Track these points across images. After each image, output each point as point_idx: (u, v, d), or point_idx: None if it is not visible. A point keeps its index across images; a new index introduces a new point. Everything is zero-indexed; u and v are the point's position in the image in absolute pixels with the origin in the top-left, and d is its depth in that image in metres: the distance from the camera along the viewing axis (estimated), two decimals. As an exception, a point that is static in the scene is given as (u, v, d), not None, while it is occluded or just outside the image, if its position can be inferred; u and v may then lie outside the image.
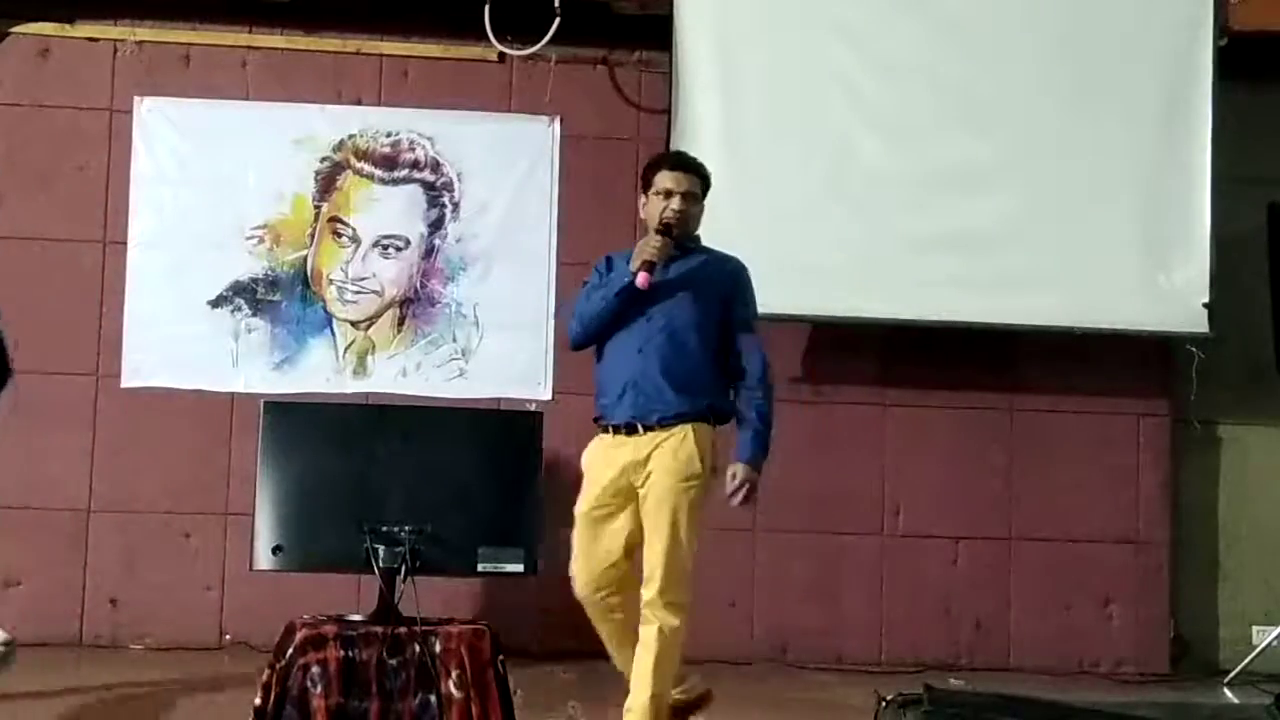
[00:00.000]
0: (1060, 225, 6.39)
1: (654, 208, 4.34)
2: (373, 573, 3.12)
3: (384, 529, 3.12)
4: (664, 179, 4.35)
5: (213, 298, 6.48)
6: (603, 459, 4.20)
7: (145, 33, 6.55)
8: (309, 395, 6.25)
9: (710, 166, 6.21)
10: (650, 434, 4.19)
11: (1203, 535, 6.78)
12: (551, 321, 6.45)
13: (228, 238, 6.49)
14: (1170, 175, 6.41)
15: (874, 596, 6.55)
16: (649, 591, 4.15)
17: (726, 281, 4.41)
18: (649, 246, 4.23)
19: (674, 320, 4.26)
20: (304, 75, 6.60)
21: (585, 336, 4.33)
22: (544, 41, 6.44)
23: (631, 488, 4.19)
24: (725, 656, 6.41)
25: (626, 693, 4.15)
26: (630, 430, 4.19)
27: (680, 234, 4.30)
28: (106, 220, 6.47)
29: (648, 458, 4.19)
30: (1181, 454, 6.73)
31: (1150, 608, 6.62)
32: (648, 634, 4.13)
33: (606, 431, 4.23)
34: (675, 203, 4.30)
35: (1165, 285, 6.39)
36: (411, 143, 6.60)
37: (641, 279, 4.18)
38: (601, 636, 4.23)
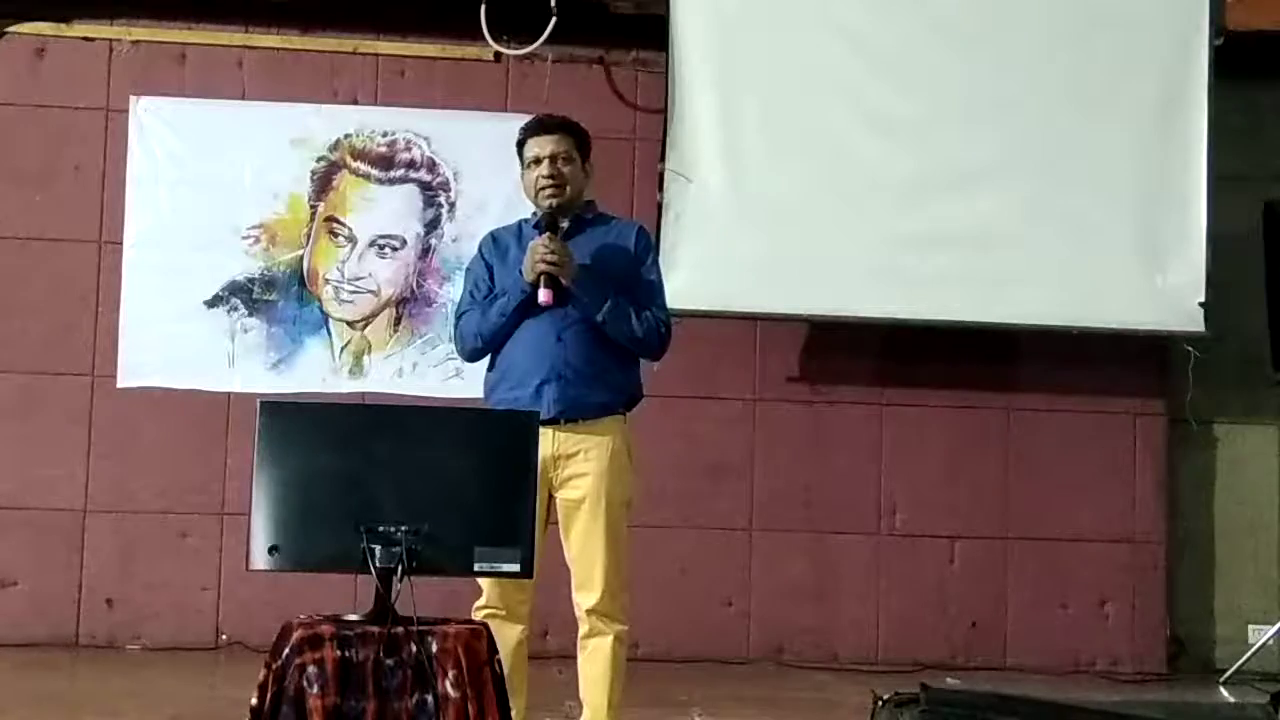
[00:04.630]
0: (1057, 225, 6.39)
1: (528, 180, 4.07)
2: (369, 572, 3.11)
3: (380, 529, 3.12)
4: (531, 147, 4.06)
5: (209, 297, 6.48)
6: None
7: (141, 32, 6.54)
8: (305, 395, 6.25)
9: (707, 165, 6.36)
10: (573, 427, 3.98)
11: (1199, 534, 6.78)
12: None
13: (224, 237, 6.48)
14: (1167, 175, 6.41)
15: (870, 596, 6.56)
16: (590, 599, 3.99)
17: (630, 254, 4.10)
18: (544, 254, 3.91)
19: (586, 301, 3.98)
20: (300, 75, 6.60)
21: (488, 350, 4.07)
22: (540, 41, 6.44)
23: (548, 481, 3.96)
24: (721, 656, 6.42)
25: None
26: (551, 423, 3.93)
27: (566, 202, 4.03)
28: (102, 220, 6.46)
29: (573, 455, 3.99)
30: (1178, 453, 6.74)
31: (1146, 607, 6.63)
32: (600, 644, 4.01)
33: None
34: (545, 168, 4.01)
35: (1161, 285, 6.40)
36: (408, 142, 6.60)
37: (545, 297, 3.92)
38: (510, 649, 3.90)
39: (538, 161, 4.05)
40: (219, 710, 4.89)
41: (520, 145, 4.13)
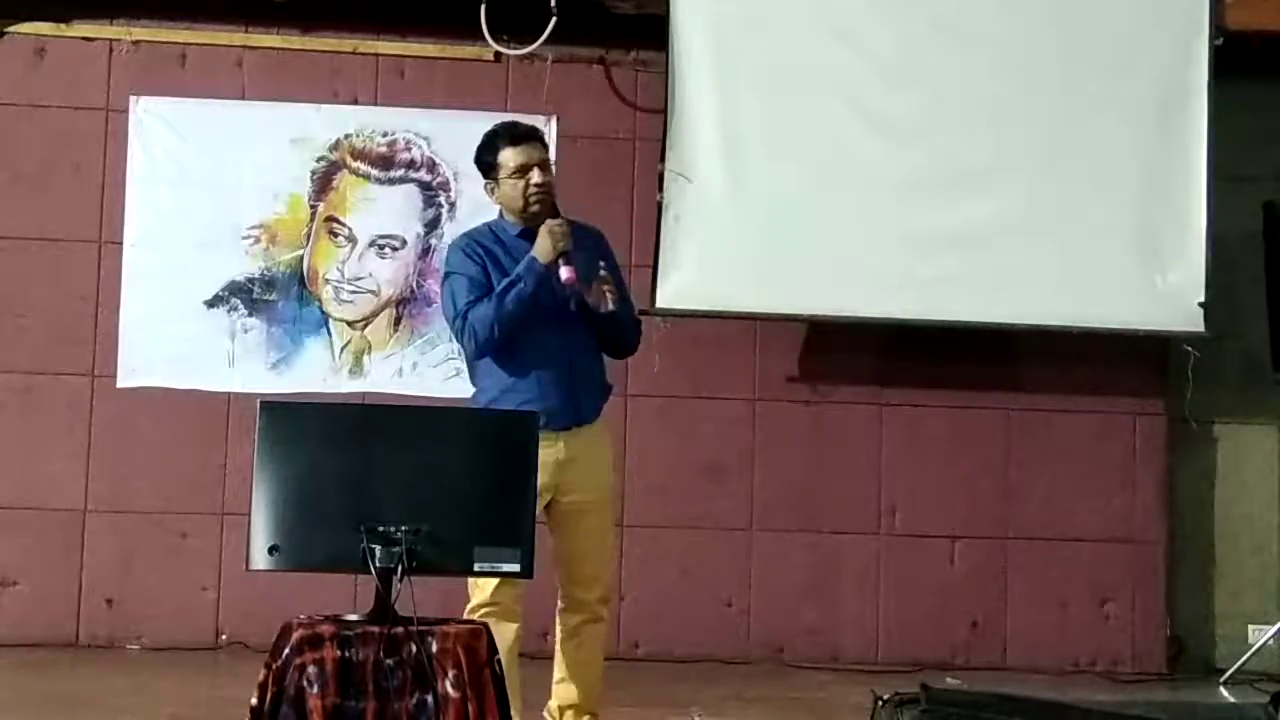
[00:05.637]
0: (1057, 225, 6.39)
1: (511, 189, 4.04)
2: (369, 572, 3.12)
3: (380, 529, 3.12)
4: (514, 156, 4.03)
5: (209, 297, 6.48)
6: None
7: (141, 32, 6.54)
8: (305, 395, 6.25)
9: (707, 165, 6.36)
10: (577, 431, 4.03)
11: (1199, 534, 6.78)
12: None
13: (224, 237, 6.48)
14: (1167, 175, 6.41)
15: (871, 596, 6.56)
16: (593, 593, 4.11)
17: (601, 251, 4.15)
18: (556, 235, 3.93)
19: (578, 304, 4.00)
20: (300, 75, 6.59)
21: (501, 342, 3.97)
22: (540, 41, 6.44)
23: (553, 486, 3.98)
24: (722, 656, 6.42)
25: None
26: (562, 430, 3.97)
27: (550, 210, 4.02)
28: (102, 220, 6.46)
29: (579, 457, 4.02)
30: (1178, 453, 6.74)
31: (1146, 607, 6.62)
32: (597, 630, 4.13)
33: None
34: (536, 175, 4.02)
35: (1161, 285, 6.39)
36: (408, 142, 6.60)
37: (568, 274, 3.91)
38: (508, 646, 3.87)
39: (523, 170, 4.04)
40: (219, 710, 4.89)
41: (488, 154, 4.10)
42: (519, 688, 4.00)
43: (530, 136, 4.12)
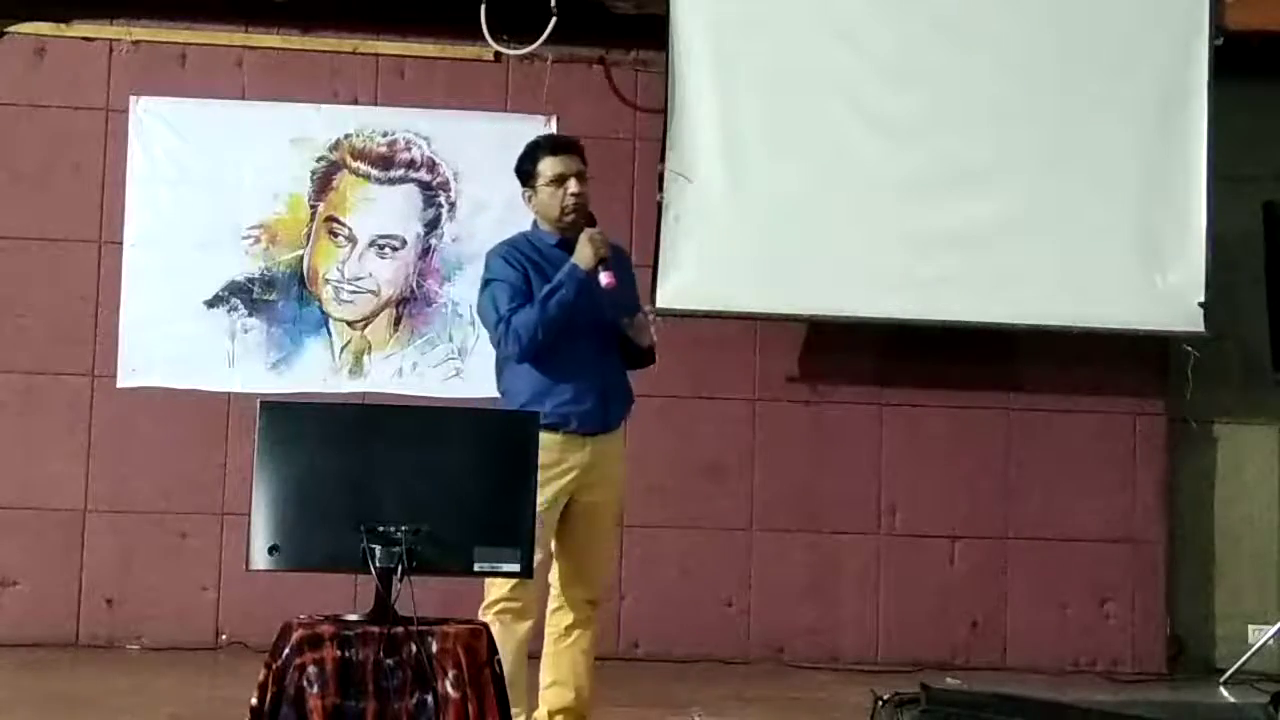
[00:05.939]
0: (1057, 225, 6.39)
1: (548, 198, 4.12)
2: (369, 572, 3.12)
3: (380, 529, 3.12)
4: (553, 165, 4.12)
5: (209, 297, 6.48)
6: (551, 462, 3.88)
7: (141, 32, 6.54)
8: (305, 395, 6.25)
9: (707, 165, 6.37)
10: (604, 437, 4.12)
11: (1199, 534, 6.78)
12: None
13: (224, 237, 6.49)
14: (1167, 175, 6.41)
15: (871, 596, 6.56)
16: (591, 594, 4.17)
17: (626, 266, 4.25)
18: (596, 243, 4.02)
19: (614, 314, 4.09)
20: (300, 75, 6.60)
21: (544, 345, 4.03)
22: (540, 41, 6.44)
23: (570, 488, 4.06)
24: (722, 656, 6.43)
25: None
26: (589, 435, 4.06)
27: (584, 219, 4.10)
28: (102, 220, 6.46)
29: (599, 462, 4.09)
30: (1178, 453, 6.74)
31: (1147, 606, 6.62)
32: (590, 632, 4.16)
33: (556, 431, 3.95)
34: (573, 185, 4.10)
35: (1161, 285, 6.39)
36: (408, 142, 6.60)
37: (608, 279, 3.98)
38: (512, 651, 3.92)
39: (560, 181, 4.11)
40: (219, 710, 4.89)
41: (528, 163, 4.17)
42: (524, 686, 4.01)
43: (570, 148, 4.21)
